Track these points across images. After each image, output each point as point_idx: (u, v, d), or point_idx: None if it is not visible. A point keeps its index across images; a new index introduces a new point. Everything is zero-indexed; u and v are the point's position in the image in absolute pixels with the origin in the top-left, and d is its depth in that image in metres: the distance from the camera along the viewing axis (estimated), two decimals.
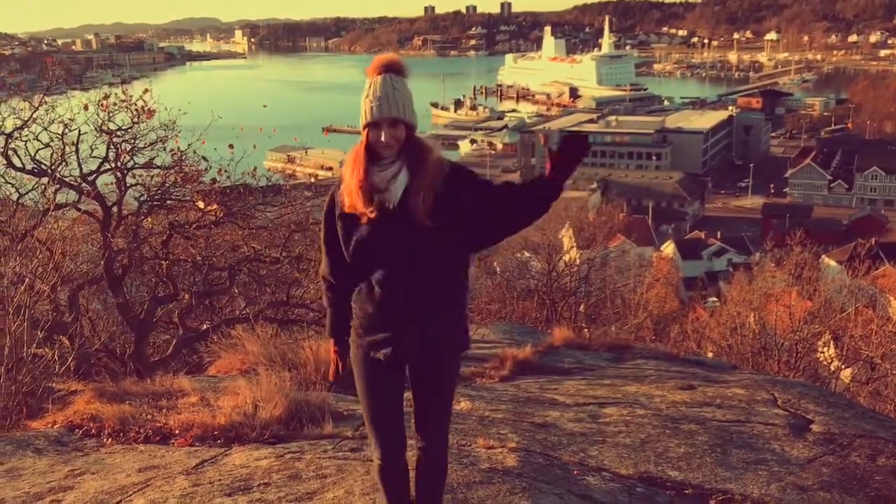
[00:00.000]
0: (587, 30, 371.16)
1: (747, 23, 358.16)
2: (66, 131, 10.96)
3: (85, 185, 11.07)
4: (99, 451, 5.37)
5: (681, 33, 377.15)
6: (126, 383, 6.70)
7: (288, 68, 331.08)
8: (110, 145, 11.11)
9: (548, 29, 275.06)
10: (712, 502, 4.45)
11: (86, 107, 11.16)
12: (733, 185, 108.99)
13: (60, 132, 10.93)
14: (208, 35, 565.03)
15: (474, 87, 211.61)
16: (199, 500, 4.18)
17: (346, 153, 3.39)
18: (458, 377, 4.09)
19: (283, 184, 17.72)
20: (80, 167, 11.08)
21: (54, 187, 10.76)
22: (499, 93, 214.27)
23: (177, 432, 5.46)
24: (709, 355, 15.94)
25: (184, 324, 11.46)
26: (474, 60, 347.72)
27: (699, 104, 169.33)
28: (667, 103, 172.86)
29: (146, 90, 11.38)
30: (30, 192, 11.17)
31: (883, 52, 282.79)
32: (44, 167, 10.90)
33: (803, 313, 18.37)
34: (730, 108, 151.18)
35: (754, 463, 4.97)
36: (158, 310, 11.73)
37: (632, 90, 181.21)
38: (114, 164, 11.15)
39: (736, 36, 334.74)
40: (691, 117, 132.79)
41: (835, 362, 17.64)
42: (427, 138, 3.38)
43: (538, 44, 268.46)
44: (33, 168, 10.94)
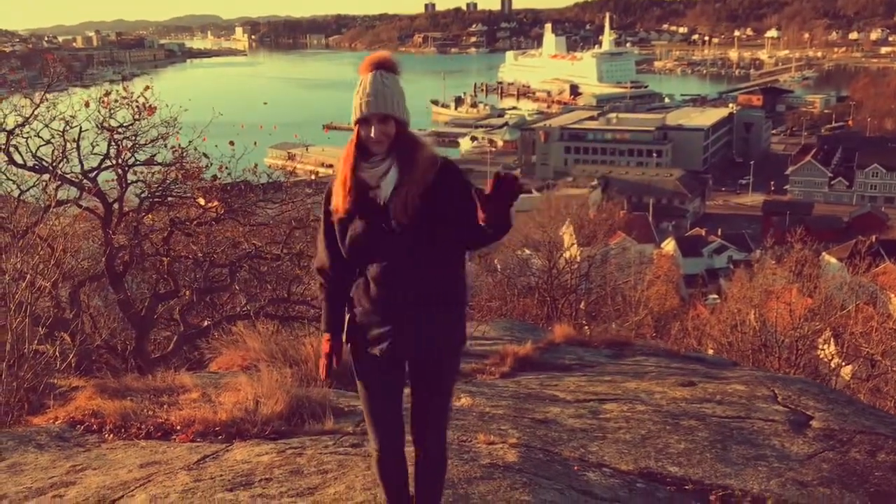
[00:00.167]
0: (588, 27, 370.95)
1: (748, 20, 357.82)
2: (68, 128, 10.95)
3: (86, 182, 11.07)
4: (100, 447, 5.37)
5: (681, 30, 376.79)
6: (127, 379, 6.70)
7: (288, 65, 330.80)
8: (111, 142, 11.10)
9: (548, 26, 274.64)
10: (712, 498, 4.46)
11: (87, 104, 11.15)
12: (734, 182, 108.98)
13: (62, 129, 10.92)
14: (209, 32, 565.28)
15: (475, 85, 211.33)
16: (201, 496, 4.19)
17: None
18: (459, 375, 4.09)
19: (283, 181, 17.71)
20: (81, 164, 11.08)
21: (55, 184, 10.74)
22: (499, 90, 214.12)
23: (178, 428, 5.47)
24: (709, 352, 15.95)
25: (185, 320, 11.48)
26: (475, 58, 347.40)
27: (700, 101, 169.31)
28: (667, 100, 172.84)
29: (147, 87, 11.35)
30: (31, 189, 11.17)
31: (884, 50, 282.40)
32: (45, 164, 10.89)
33: (804, 310, 18.38)
34: (730, 105, 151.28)
35: (754, 459, 4.98)
36: (159, 306, 11.75)
37: (632, 87, 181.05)
38: (115, 161, 11.14)
39: (737, 33, 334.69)
40: (692, 114, 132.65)
41: (835, 359, 17.65)
42: (420, 135, 3.37)
43: (539, 41, 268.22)
44: (34, 165, 10.93)
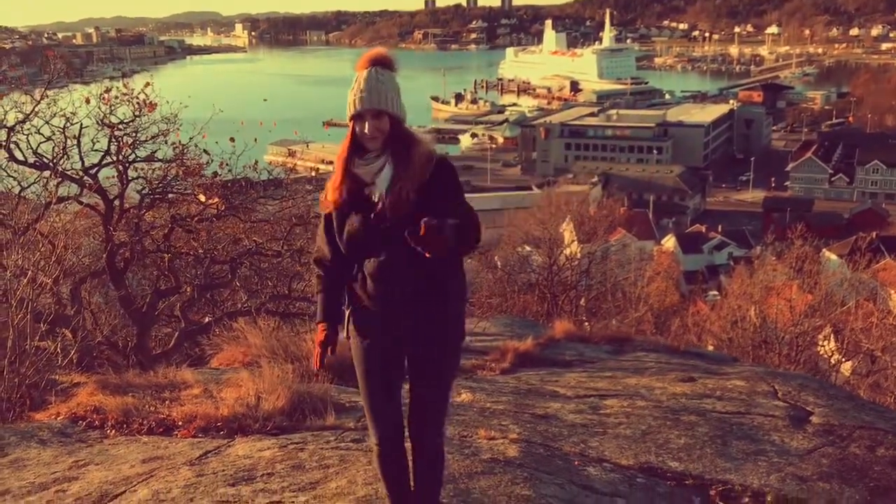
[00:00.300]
0: (588, 23, 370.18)
1: (748, 16, 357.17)
2: (68, 125, 10.94)
3: (87, 179, 11.07)
4: (102, 443, 5.39)
5: (682, 27, 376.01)
6: (129, 375, 6.71)
7: (288, 62, 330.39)
8: (112, 139, 11.09)
9: (548, 22, 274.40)
10: (712, 492, 4.47)
11: (87, 100, 11.16)
12: (734, 178, 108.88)
13: (62, 126, 10.91)
14: (209, 29, 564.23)
15: (475, 81, 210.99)
16: (203, 491, 4.20)
17: None
18: (459, 371, 4.09)
19: (283, 177, 17.75)
20: (81, 160, 11.08)
21: (56, 181, 10.75)
22: (499, 87, 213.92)
23: (180, 424, 5.49)
24: (709, 348, 15.97)
25: (186, 317, 11.49)
26: (475, 54, 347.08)
27: (700, 98, 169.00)
28: (668, 97, 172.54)
29: (147, 83, 11.34)
30: (32, 186, 11.16)
31: (884, 46, 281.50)
32: (46, 160, 10.89)
33: (804, 307, 18.39)
34: (731, 101, 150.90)
35: (754, 454, 5.00)
36: (160, 303, 11.76)
37: (633, 84, 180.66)
38: (115, 158, 11.14)
39: (737, 29, 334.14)
40: (692, 111, 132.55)
41: (835, 355, 17.67)
42: (419, 131, 3.38)
43: (539, 37, 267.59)
44: (35, 161, 10.92)
